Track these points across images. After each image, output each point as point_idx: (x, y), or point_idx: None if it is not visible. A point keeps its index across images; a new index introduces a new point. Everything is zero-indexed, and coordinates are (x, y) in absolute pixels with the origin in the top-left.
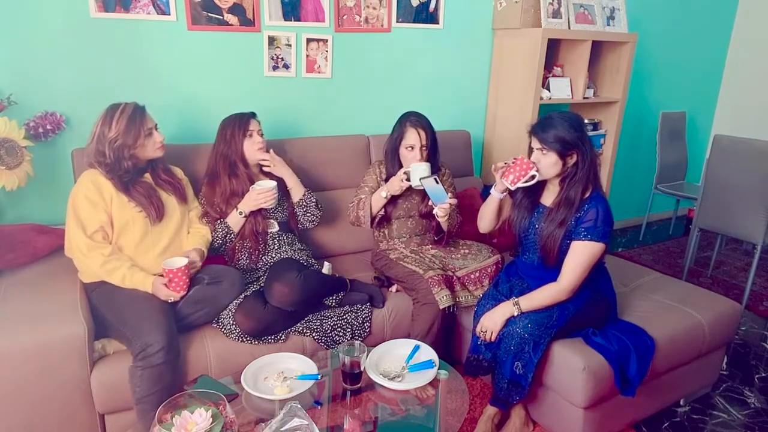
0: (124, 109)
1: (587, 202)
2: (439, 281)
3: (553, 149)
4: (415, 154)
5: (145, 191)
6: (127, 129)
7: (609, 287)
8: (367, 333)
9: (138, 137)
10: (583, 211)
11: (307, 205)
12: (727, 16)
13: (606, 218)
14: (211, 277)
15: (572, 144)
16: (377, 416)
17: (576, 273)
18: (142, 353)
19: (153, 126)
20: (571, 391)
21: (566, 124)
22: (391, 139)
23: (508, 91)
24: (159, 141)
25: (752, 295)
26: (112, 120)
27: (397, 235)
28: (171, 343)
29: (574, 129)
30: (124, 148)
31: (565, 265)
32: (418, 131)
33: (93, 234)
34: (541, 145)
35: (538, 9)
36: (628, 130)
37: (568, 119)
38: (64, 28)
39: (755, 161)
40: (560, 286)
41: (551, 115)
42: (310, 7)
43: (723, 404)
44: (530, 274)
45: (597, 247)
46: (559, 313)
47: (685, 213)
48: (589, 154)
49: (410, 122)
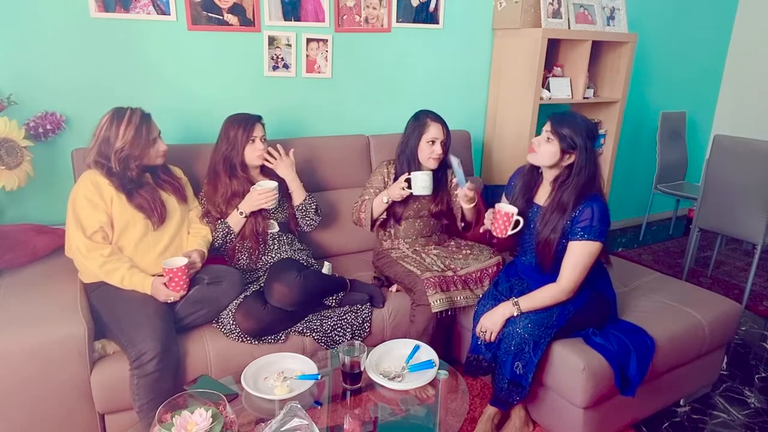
0: (131, 118)
1: (582, 201)
2: (435, 284)
3: (558, 138)
4: (436, 148)
5: (148, 194)
6: (135, 139)
7: (608, 287)
8: (367, 333)
9: (144, 147)
10: (579, 211)
11: (306, 210)
12: (727, 16)
13: (602, 217)
14: (211, 277)
15: (576, 145)
16: (377, 416)
17: (575, 273)
18: (136, 361)
19: (157, 134)
20: (571, 391)
21: (583, 126)
22: (409, 137)
23: (508, 91)
24: (162, 150)
25: (752, 295)
26: (119, 127)
27: (404, 235)
28: (166, 350)
29: (586, 134)
30: (130, 159)
31: (564, 266)
32: (439, 125)
33: (92, 235)
34: (552, 130)
35: (538, 9)
36: (628, 130)
37: (587, 125)
38: (64, 28)
39: (755, 161)
40: (560, 286)
41: (574, 112)
42: (310, 7)
43: (723, 404)
44: (529, 274)
45: (594, 246)
46: (559, 313)
47: (685, 213)
48: (588, 164)
49: (430, 117)
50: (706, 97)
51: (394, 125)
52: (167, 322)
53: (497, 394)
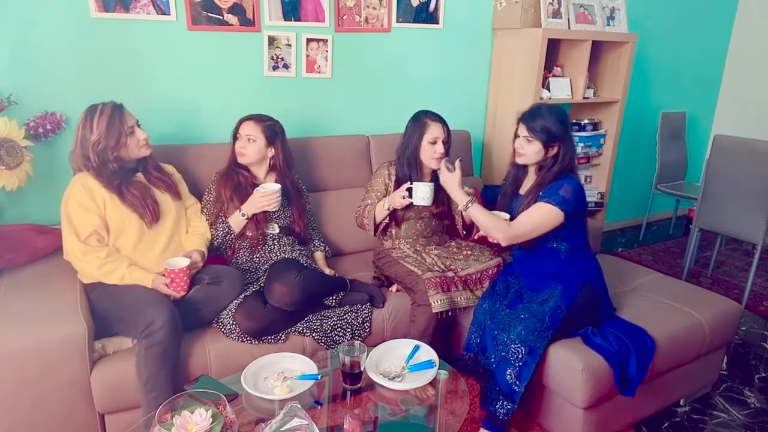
0: (102, 110)
1: (557, 180)
2: (437, 284)
3: (538, 138)
4: (438, 147)
5: (139, 192)
6: (108, 130)
7: (596, 275)
8: (367, 333)
9: (119, 137)
10: (551, 184)
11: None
12: (727, 16)
13: (571, 191)
14: (211, 277)
15: (557, 137)
16: (377, 416)
17: (526, 225)
18: (145, 331)
19: (134, 123)
20: (570, 392)
21: (554, 117)
22: (409, 138)
23: (508, 91)
24: (142, 138)
25: (752, 295)
26: (92, 122)
27: (405, 235)
28: (173, 320)
29: (560, 123)
30: (108, 150)
31: (519, 216)
32: (440, 124)
33: (87, 239)
34: (528, 134)
35: (538, 9)
36: (628, 130)
37: (556, 113)
38: (64, 28)
39: (755, 161)
40: (508, 227)
41: (540, 105)
42: (310, 7)
43: (723, 404)
44: (523, 271)
45: (553, 210)
46: (551, 314)
47: (685, 213)
48: (570, 150)
49: (429, 117)
50: (706, 97)
51: (394, 125)
52: (170, 302)
53: (489, 413)
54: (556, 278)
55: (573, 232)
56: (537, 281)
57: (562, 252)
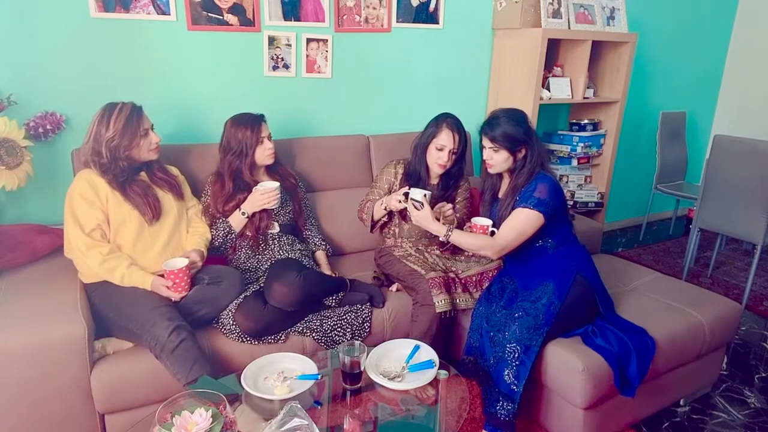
0: (121, 109)
1: (531, 180)
2: (440, 284)
3: (503, 147)
4: (442, 155)
5: (142, 190)
6: (125, 129)
7: (586, 265)
8: (367, 333)
9: (134, 137)
10: (526, 187)
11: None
12: (727, 16)
13: (546, 191)
14: (211, 277)
15: (520, 140)
16: (377, 416)
17: (509, 234)
18: (156, 345)
19: (149, 126)
20: (570, 392)
21: (512, 121)
22: (423, 135)
23: (508, 91)
24: (155, 142)
25: (752, 295)
26: (110, 119)
27: (407, 234)
28: (178, 324)
29: (520, 125)
30: (120, 148)
31: (502, 226)
32: (453, 134)
33: (91, 232)
34: (492, 144)
35: (538, 9)
36: (628, 130)
37: (514, 116)
38: (64, 28)
39: (755, 161)
40: (493, 240)
41: (497, 113)
42: (310, 7)
43: (723, 404)
44: (516, 272)
45: (532, 214)
46: (545, 311)
47: (685, 213)
48: (536, 147)
49: (447, 123)
50: (706, 97)
51: (394, 125)
52: (172, 307)
53: (491, 415)
54: (547, 274)
55: (556, 227)
56: (529, 280)
57: (549, 248)
